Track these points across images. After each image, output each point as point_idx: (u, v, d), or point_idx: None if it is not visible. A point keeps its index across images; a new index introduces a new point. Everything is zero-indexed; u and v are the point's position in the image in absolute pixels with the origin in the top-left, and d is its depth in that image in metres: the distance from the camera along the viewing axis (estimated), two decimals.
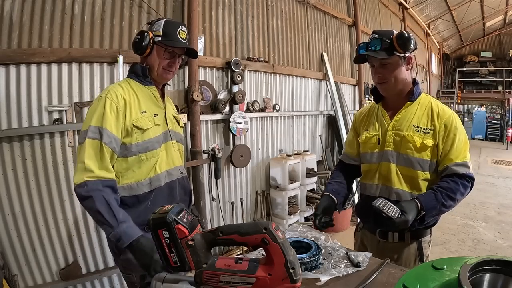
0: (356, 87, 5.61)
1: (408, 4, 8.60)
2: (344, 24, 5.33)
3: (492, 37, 14.00)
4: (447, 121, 1.26)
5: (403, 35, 1.22)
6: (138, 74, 1.31)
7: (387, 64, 1.26)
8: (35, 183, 2.06)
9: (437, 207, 1.19)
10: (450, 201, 1.21)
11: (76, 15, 2.18)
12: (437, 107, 1.30)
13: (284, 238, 0.67)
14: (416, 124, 1.28)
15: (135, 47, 1.29)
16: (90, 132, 1.15)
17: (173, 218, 0.65)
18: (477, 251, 3.30)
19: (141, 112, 1.25)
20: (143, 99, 1.28)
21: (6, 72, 1.93)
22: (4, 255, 1.96)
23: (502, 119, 12.19)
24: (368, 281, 0.91)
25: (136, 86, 1.29)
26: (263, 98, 3.71)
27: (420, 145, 1.25)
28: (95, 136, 1.15)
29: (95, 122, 1.17)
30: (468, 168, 1.25)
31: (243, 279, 0.66)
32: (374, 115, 1.42)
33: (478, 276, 0.64)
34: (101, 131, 1.16)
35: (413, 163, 1.28)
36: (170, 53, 1.29)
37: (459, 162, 1.23)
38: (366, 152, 1.41)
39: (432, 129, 1.26)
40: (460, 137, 1.25)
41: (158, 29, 1.28)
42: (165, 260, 0.68)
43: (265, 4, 3.72)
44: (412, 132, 1.27)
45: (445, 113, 1.28)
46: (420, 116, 1.29)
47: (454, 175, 1.23)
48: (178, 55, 1.32)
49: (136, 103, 1.25)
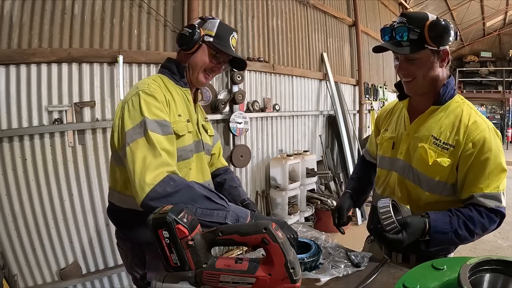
0: (356, 87, 5.61)
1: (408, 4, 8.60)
2: (344, 24, 5.33)
3: (492, 37, 14.00)
4: (477, 139, 0.98)
5: (438, 24, 0.96)
6: (173, 72, 1.15)
7: (415, 59, 1.01)
8: (35, 183, 2.06)
9: (448, 234, 0.96)
10: (466, 233, 0.96)
11: (76, 15, 2.18)
12: (469, 118, 1.02)
13: (284, 238, 0.67)
14: (436, 135, 1.04)
15: (182, 41, 1.11)
16: (149, 124, 0.96)
17: (173, 218, 0.65)
18: (477, 251, 3.29)
19: (178, 115, 1.09)
20: (178, 100, 1.13)
21: (6, 72, 1.94)
22: (4, 255, 1.96)
23: (502, 119, 12.20)
24: (368, 281, 0.91)
25: (170, 85, 1.13)
26: (263, 98, 3.71)
27: (433, 163, 1.02)
28: (155, 128, 0.97)
29: (148, 113, 0.98)
30: (500, 202, 0.98)
31: (243, 279, 0.66)
32: (396, 115, 1.24)
33: (478, 276, 0.64)
34: (159, 122, 0.99)
35: (420, 181, 1.07)
36: (218, 59, 1.15)
37: (489, 193, 0.97)
38: (380, 155, 1.26)
39: (453, 146, 1.01)
40: (495, 160, 0.97)
41: (211, 29, 1.13)
42: (165, 260, 0.68)
43: (265, 4, 3.72)
44: (428, 144, 1.04)
45: (478, 127, 0.99)
46: (444, 126, 1.04)
47: (482, 207, 0.98)
48: (224, 62, 1.19)
49: (173, 104, 1.09)
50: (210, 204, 0.93)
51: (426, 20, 0.98)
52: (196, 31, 1.10)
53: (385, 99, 6.49)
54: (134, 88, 1.08)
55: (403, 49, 0.99)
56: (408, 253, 1.12)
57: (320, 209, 3.94)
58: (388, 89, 6.78)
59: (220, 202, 0.94)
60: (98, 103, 2.32)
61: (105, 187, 2.37)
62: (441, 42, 0.98)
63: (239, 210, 0.98)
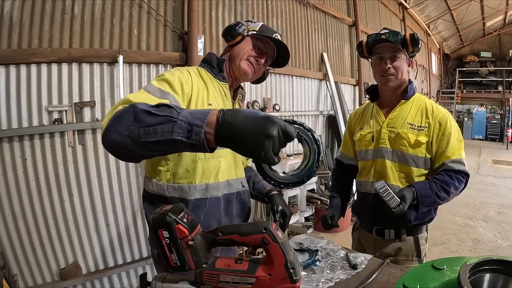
0: (356, 87, 5.61)
1: (408, 4, 8.60)
2: (344, 24, 5.33)
3: (492, 37, 14.00)
4: (441, 119, 1.29)
5: (416, 36, 1.30)
6: (212, 66, 1.14)
7: (398, 57, 1.30)
8: (35, 183, 2.06)
9: (431, 197, 1.21)
10: (444, 193, 1.23)
11: (76, 15, 2.18)
12: (431, 105, 1.34)
13: (284, 238, 0.67)
14: (410, 121, 1.31)
15: (227, 31, 1.13)
16: (149, 87, 0.92)
17: (173, 218, 0.65)
18: (477, 251, 3.29)
19: (208, 103, 1.05)
20: (212, 91, 1.09)
21: (6, 72, 1.94)
22: (4, 255, 1.96)
23: (502, 119, 12.19)
24: (368, 281, 0.92)
25: (207, 77, 1.11)
26: (263, 98, 3.71)
27: (415, 142, 1.28)
28: (155, 93, 0.90)
29: (158, 84, 0.94)
30: (464, 165, 1.27)
31: (243, 279, 0.66)
32: (368, 114, 1.46)
33: (478, 276, 0.64)
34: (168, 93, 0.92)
35: (407, 159, 1.30)
36: (261, 49, 1.14)
37: (455, 159, 1.26)
38: (361, 149, 1.44)
39: (426, 127, 1.29)
40: (455, 135, 1.28)
41: (254, 27, 1.17)
42: (165, 260, 0.68)
43: (265, 4, 3.72)
44: (406, 129, 1.31)
45: (439, 111, 1.31)
46: (414, 114, 1.32)
47: (450, 171, 1.26)
48: (267, 55, 1.16)
49: (205, 92, 1.06)
50: (152, 118, 0.64)
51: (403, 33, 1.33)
52: (241, 24, 1.14)
53: None
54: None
55: (398, 45, 1.28)
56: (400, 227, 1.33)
57: (320, 209, 3.94)
58: None
59: (165, 113, 0.64)
60: (98, 103, 2.32)
61: (105, 187, 2.37)
62: (416, 49, 1.31)
63: (193, 115, 0.62)
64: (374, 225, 1.38)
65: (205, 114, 0.60)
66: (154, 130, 0.62)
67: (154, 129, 0.62)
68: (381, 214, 1.25)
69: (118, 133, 0.66)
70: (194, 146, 0.60)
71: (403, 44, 1.30)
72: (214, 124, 0.59)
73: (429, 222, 1.38)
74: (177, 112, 0.63)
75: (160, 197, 1.04)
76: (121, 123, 0.66)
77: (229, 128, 0.58)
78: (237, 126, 0.58)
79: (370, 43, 1.36)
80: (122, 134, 0.65)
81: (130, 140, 0.64)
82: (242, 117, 0.58)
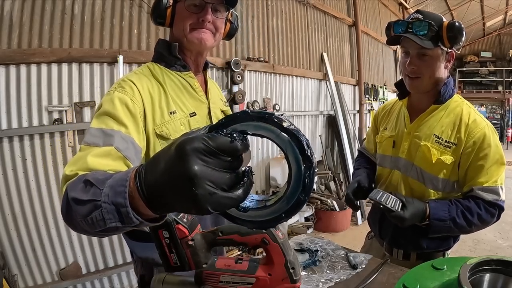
0: (356, 87, 5.60)
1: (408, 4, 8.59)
2: (344, 24, 5.32)
3: (492, 37, 13.99)
4: (478, 137, 1.02)
5: (456, 25, 0.98)
6: (163, 55, 0.94)
7: (427, 56, 1.03)
8: (35, 183, 2.06)
9: (446, 222, 1.00)
10: (463, 221, 1.00)
11: (76, 15, 2.18)
12: (468, 116, 1.05)
13: (284, 238, 0.67)
14: (438, 134, 1.07)
15: (153, 15, 0.94)
16: (89, 135, 0.76)
17: (173, 218, 0.65)
18: (477, 251, 3.29)
19: (169, 112, 0.89)
20: (173, 92, 0.92)
21: (6, 72, 1.94)
22: (4, 255, 1.96)
23: (502, 119, 12.20)
24: (368, 281, 0.92)
25: (163, 74, 0.93)
26: (263, 98, 3.71)
27: (436, 161, 1.05)
28: (97, 141, 0.75)
29: (97, 123, 0.78)
30: (498, 195, 1.03)
31: (243, 279, 0.66)
32: (395, 113, 1.24)
33: (478, 276, 0.65)
34: (111, 134, 0.76)
35: (424, 179, 1.09)
36: (197, 6, 0.89)
37: (487, 186, 1.01)
38: (380, 153, 1.27)
39: (455, 144, 1.04)
40: (494, 158, 1.02)
41: None
42: (165, 260, 0.68)
43: (265, 4, 3.72)
44: (431, 142, 1.07)
45: (477, 126, 1.03)
46: (445, 125, 1.07)
47: (480, 199, 1.03)
48: (209, 4, 0.89)
49: (162, 98, 0.89)
50: (82, 208, 0.53)
51: (442, 20, 1.01)
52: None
53: (385, 99, 6.49)
54: (113, 85, 0.89)
55: (423, 42, 0.99)
56: (409, 250, 1.15)
57: (320, 209, 3.93)
58: (388, 89, 6.78)
59: (89, 196, 0.52)
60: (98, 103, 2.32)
61: None
62: (455, 43, 1.01)
63: (114, 189, 0.46)
64: (382, 239, 1.26)
65: (123, 184, 0.44)
66: (91, 221, 0.51)
67: (90, 219, 0.51)
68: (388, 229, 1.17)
69: (73, 226, 0.58)
70: (137, 226, 0.46)
71: (436, 38, 0.99)
72: (136, 193, 0.41)
73: (446, 250, 1.17)
74: (99, 189, 0.50)
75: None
76: (67, 214, 0.59)
77: (151, 191, 0.39)
78: (156, 180, 0.38)
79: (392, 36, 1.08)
80: (76, 227, 0.57)
81: (85, 232, 0.56)
82: (156, 164, 0.38)
